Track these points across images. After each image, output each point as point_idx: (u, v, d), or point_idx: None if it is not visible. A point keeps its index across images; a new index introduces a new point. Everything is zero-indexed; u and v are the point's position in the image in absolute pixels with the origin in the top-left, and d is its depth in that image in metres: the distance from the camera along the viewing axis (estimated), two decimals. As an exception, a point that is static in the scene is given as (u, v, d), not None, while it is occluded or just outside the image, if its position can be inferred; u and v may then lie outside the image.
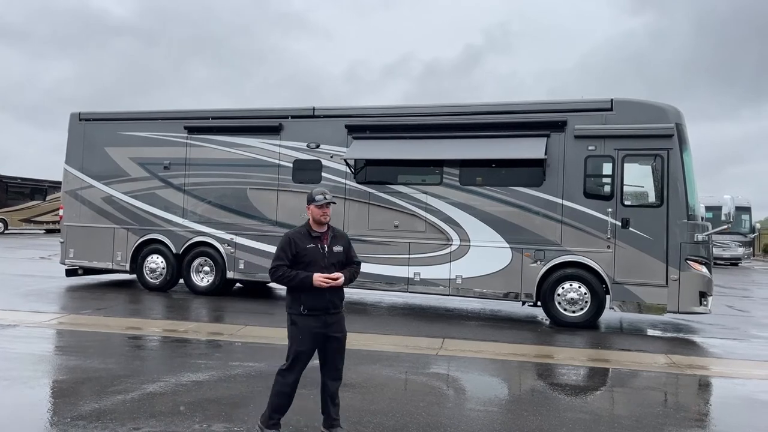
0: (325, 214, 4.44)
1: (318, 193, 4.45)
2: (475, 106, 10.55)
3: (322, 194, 4.44)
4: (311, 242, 4.40)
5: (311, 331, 4.29)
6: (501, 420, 5.15)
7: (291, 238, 4.41)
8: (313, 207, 4.43)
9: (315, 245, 4.40)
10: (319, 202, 4.41)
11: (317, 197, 4.42)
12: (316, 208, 4.42)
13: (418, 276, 10.34)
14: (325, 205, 4.42)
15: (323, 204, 4.41)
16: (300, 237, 4.41)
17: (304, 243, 4.38)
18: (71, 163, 12.78)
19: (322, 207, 4.42)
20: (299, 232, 4.46)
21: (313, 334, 4.30)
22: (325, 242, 4.45)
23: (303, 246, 4.36)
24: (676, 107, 9.47)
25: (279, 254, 4.37)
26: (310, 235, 4.43)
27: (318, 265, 4.32)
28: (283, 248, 4.37)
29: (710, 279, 9.23)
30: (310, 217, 4.49)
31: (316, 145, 11.11)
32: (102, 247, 12.28)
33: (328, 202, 4.44)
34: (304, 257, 4.34)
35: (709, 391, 6.58)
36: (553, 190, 9.73)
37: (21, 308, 9.58)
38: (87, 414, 4.82)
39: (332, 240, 4.51)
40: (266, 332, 8.48)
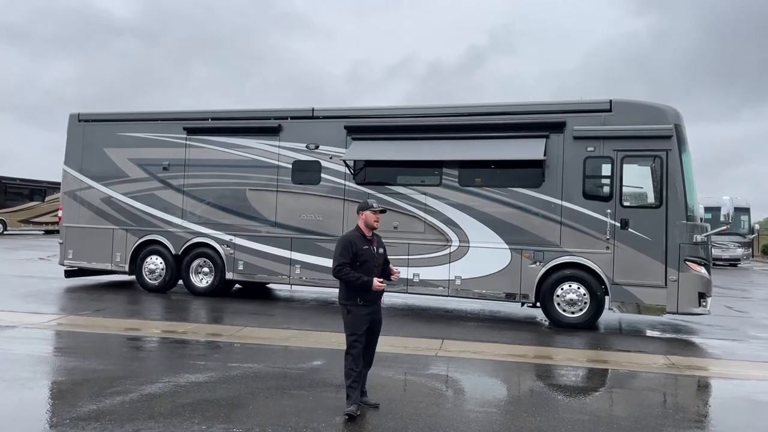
0: (378, 220, 5.26)
1: (373, 202, 5.31)
2: (474, 107, 10.55)
3: (376, 202, 5.34)
4: (366, 244, 5.17)
5: (365, 316, 5.11)
6: (500, 421, 5.15)
7: (350, 240, 5.13)
8: (369, 213, 5.22)
9: (369, 247, 5.18)
10: (376, 209, 5.24)
11: (374, 205, 5.26)
12: (372, 214, 5.22)
13: (417, 277, 10.34)
14: (379, 211, 5.25)
15: (378, 210, 5.23)
16: (357, 239, 5.15)
17: (361, 245, 5.13)
18: (70, 164, 12.78)
19: (377, 213, 5.23)
20: (355, 236, 5.19)
21: (366, 320, 5.12)
22: (374, 245, 5.25)
23: (360, 247, 5.11)
24: (675, 108, 9.48)
25: (342, 253, 5.05)
26: (365, 238, 5.20)
27: (370, 264, 5.13)
28: (346, 248, 5.06)
29: (709, 280, 9.24)
30: (363, 223, 5.23)
31: (316, 146, 11.11)
32: (101, 248, 12.27)
33: (383, 209, 5.32)
34: (361, 257, 5.08)
35: (708, 392, 6.59)
36: (552, 191, 9.74)
37: (20, 309, 9.57)
38: (86, 415, 4.82)
39: (378, 243, 5.33)
40: (265, 333, 8.48)
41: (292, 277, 11.10)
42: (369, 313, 5.15)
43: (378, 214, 5.24)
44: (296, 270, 11.04)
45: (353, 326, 5.10)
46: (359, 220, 5.28)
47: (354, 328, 5.10)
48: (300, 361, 6.94)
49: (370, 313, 5.16)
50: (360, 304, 5.09)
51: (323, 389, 5.80)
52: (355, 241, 5.11)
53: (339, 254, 5.06)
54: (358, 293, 5.07)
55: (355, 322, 5.10)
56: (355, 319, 5.09)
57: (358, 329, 5.10)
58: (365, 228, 5.23)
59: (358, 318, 5.09)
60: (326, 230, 10.89)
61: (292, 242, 11.08)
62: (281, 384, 5.94)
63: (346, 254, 5.04)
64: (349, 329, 5.13)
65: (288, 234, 11.13)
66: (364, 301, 5.10)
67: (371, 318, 5.19)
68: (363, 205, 5.30)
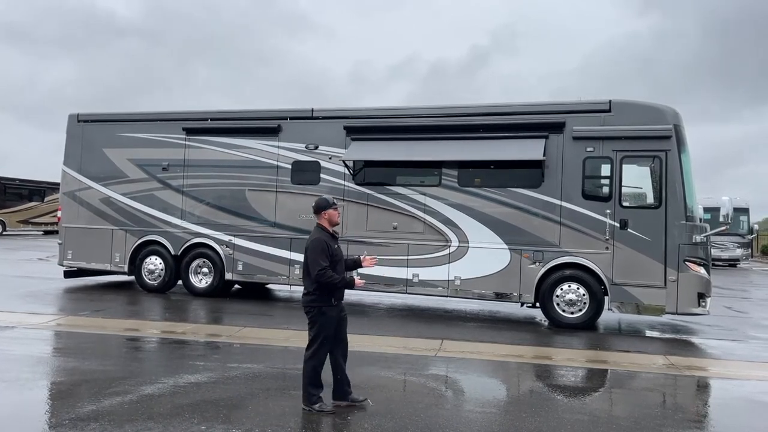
0: (339, 215, 5.27)
1: (331, 199, 5.29)
2: (473, 107, 10.55)
3: (332, 198, 5.32)
4: (335, 243, 5.19)
5: (335, 317, 5.11)
6: (500, 421, 5.15)
7: (325, 241, 5.08)
8: (332, 211, 5.21)
9: (338, 246, 5.21)
10: (336, 205, 5.24)
11: (334, 202, 5.26)
12: (334, 211, 5.22)
13: (416, 277, 10.33)
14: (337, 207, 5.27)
15: (337, 206, 5.26)
16: (329, 240, 5.12)
17: (333, 244, 5.14)
18: (69, 165, 12.77)
19: (337, 209, 5.25)
20: (326, 236, 5.14)
21: (335, 320, 5.12)
22: (338, 243, 5.26)
23: (334, 247, 5.13)
24: (675, 108, 9.49)
25: (322, 257, 5.00)
26: (334, 237, 5.22)
27: (341, 262, 5.17)
28: (324, 250, 5.02)
29: (709, 280, 9.24)
30: (328, 221, 5.20)
31: (315, 147, 11.11)
32: (100, 248, 12.26)
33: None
34: (335, 257, 5.10)
35: (707, 392, 6.59)
36: (551, 191, 9.73)
37: (19, 309, 9.56)
38: (85, 415, 4.81)
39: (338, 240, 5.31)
40: (265, 334, 8.47)
41: (292, 277, 11.09)
42: (339, 311, 5.17)
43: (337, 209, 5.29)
44: (296, 270, 11.03)
45: (326, 328, 5.06)
46: (321, 219, 5.22)
47: (326, 330, 5.07)
48: (299, 361, 6.89)
49: (340, 311, 5.18)
50: (334, 304, 5.10)
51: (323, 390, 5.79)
52: (329, 242, 5.09)
53: (318, 257, 4.99)
54: (331, 294, 5.06)
55: (327, 324, 5.06)
56: (328, 321, 5.06)
57: (330, 331, 5.08)
58: (331, 226, 5.22)
59: (330, 319, 5.07)
60: (326, 231, 10.86)
61: (292, 242, 11.07)
62: (281, 384, 5.94)
63: (325, 256, 5.00)
64: (321, 332, 5.07)
65: (287, 234, 11.13)
66: (337, 300, 5.13)
67: (340, 316, 5.20)
68: (324, 204, 5.24)
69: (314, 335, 5.10)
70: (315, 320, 5.08)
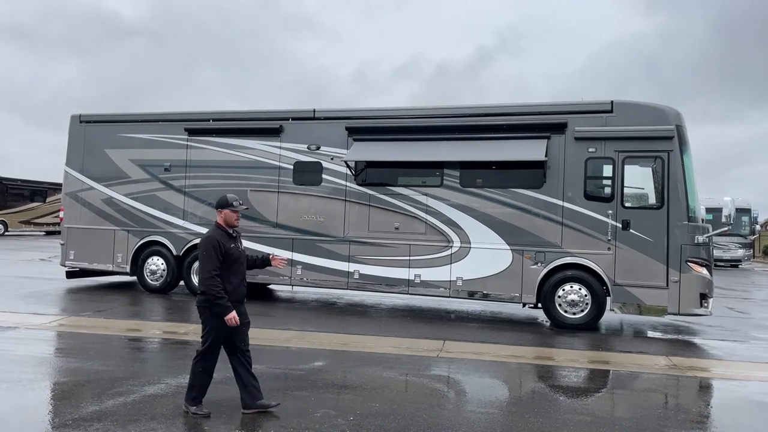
0: (238, 218, 5.10)
1: (234, 199, 5.07)
2: (475, 108, 10.55)
3: (237, 200, 5.09)
4: (232, 242, 5.01)
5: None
6: (502, 422, 5.15)
7: (217, 240, 4.90)
8: (229, 212, 5.02)
9: (235, 245, 5.03)
10: (236, 208, 5.04)
11: (234, 203, 5.05)
12: (232, 213, 5.03)
13: (418, 278, 10.33)
14: (239, 210, 5.06)
15: (239, 209, 5.05)
16: (223, 239, 4.95)
17: (228, 244, 4.95)
18: (72, 165, 12.79)
19: (237, 212, 5.05)
20: (220, 235, 4.96)
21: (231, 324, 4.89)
22: (239, 242, 5.14)
23: (228, 246, 4.93)
24: (676, 109, 9.48)
25: (211, 257, 4.82)
26: (230, 236, 5.03)
27: (238, 261, 5.02)
28: (215, 250, 4.84)
29: (711, 281, 9.23)
30: (223, 221, 5.04)
31: (317, 147, 11.12)
32: (102, 249, 12.28)
33: (244, 208, 5.15)
34: (231, 256, 4.92)
35: (709, 393, 6.58)
36: (553, 191, 9.73)
37: (21, 310, 9.58)
38: (87, 416, 4.82)
39: (240, 239, 5.20)
40: (266, 334, 8.47)
41: (294, 278, 11.10)
42: (239, 315, 4.91)
43: (238, 213, 5.07)
44: (297, 271, 11.04)
45: (217, 330, 4.87)
46: (219, 217, 5.05)
47: (217, 333, 4.88)
48: (301, 362, 6.95)
49: (239, 315, 4.92)
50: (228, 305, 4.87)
51: (325, 390, 5.80)
52: (222, 241, 4.90)
53: (209, 259, 4.81)
54: (227, 294, 4.84)
55: (219, 327, 4.86)
56: (221, 324, 4.84)
57: (221, 333, 4.90)
58: (227, 226, 5.04)
59: (223, 322, 4.84)
60: (327, 231, 10.89)
61: (294, 243, 11.08)
62: (283, 385, 5.94)
63: (215, 257, 4.81)
64: (210, 335, 4.89)
65: (289, 235, 11.14)
66: (233, 301, 4.90)
67: (242, 319, 4.97)
68: (223, 203, 5.05)
69: (204, 337, 4.93)
70: (206, 322, 4.90)
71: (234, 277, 4.97)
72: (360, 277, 10.65)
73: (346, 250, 10.76)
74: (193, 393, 4.93)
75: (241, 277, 5.05)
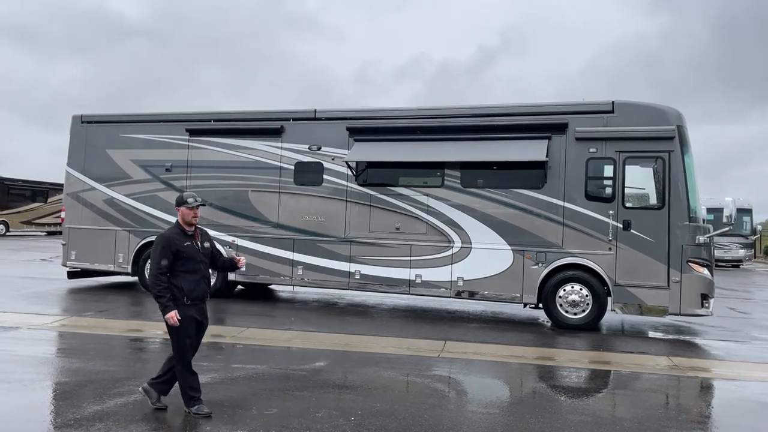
0: (195, 215, 5.04)
1: (189, 196, 5.04)
2: (476, 108, 10.55)
3: (192, 197, 5.05)
4: (187, 240, 4.96)
5: (191, 317, 4.90)
6: (503, 422, 5.15)
7: (169, 238, 4.89)
8: (185, 209, 5.01)
9: (191, 243, 4.97)
10: (191, 205, 5.00)
11: (189, 200, 5.01)
12: (188, 210, 5.00)
13: (419, 278, 10.34)
14: (195, 207, 5.02)
15: (194, 206, 5.01)
16: (176, 237, 4.92)
17: (181, 242, 4.91)
18: (73, 166, 12.81)
19: (193, 209, 5.01)
20: (174, 233, 4.96)
21: (193, 320, 4.93)
22: (197, 240, 5.06)
23: (181, 244, 4.89)
24: (677, 109, 9.48)
25: (162, 255, 4.80)
26: (186, 234, 4.99)
27: (195, 260, 4.94)
28: (165, 248, 4.82)
29: (712, 281, 9.23)
30: (181, 218, 5.03)
31: (318, 148, 11.12)
32: (104, 249, 12.29)
33: (199, 204, 5.07)
34: (184, 254, 4.87)
35: (710, 394, 6.58)
36: (554, 192, 9.74)
37: (23, 310, 9.59)
38: (89, 416, 4.83)
39: (202, 237, 5.13)
40: (267, 334, 8.49)
41: (295, 278, 11.11)
42: (197, 313, 4.93)
43: (195, 209, 5.02)
44: (298, 271, 11.05)
45: (185, 329, 4.86)
46: (178, 214, 5.06)
47: (187, 331, 4.89)
48: (302, 362, 6.95)
49: (198, 313, 4.94)
50: (187, 303, 4.88)
51: (326, 390, 5.81)
52: (174, 239, 4.88)
53: (159, 256, 4.80)
54: (182, 293, 4.83)
55: (186, 325, 4.86)
56: (186, 322, 4.85)
57: (191, 332, 4.91)
58: (184, 224, 5.03)
59: (187, 320, 4.86)
60: (328, 231, 10.90)
61: (295, 243, 11.09)
62: (284, 385, 5.95)
63: (166, 255, 4.79)
64: (173, 332, 4.87)
65: (290, 235, 11.15)
66: (191, 300, 4.88)
67: (200, 319, 4.98)
68: (179, 200, 5.06)
69: (171, 336, 4.92)
70: (166, 321, 4.86)
71: (190, 276, 4.90)
72: (361, 277, 10.66)
73: (347, 250, 10.76)
74: (188, 393, 4.92)
75: (199, 276, 4.96)
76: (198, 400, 4.91)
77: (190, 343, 4.96)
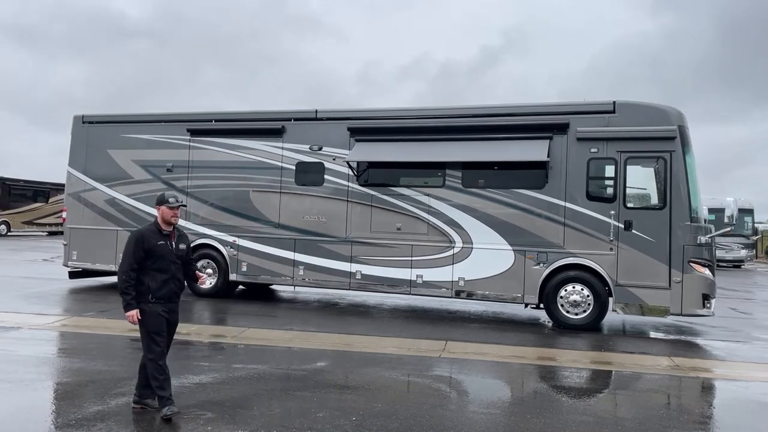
0: (175, 215, 5.05)
1: (170, 196, 5.06)
2: (477, 108, 10.55)
3: (174, 197, 5.07)
4: (161, 239, 4.96)
5: (160, 315, 4.89)
6: (504, 422, 5.15)
7: (143, 234, 4.92)
8: (165, 208, 5.01)
9: (165, 242, 4.97)
10: (172, 204, 5.01)
11: (170, 200, 5.02)
12: (168, 209, 5.00)
13: (420, 278, 10.34)
14: (176, 207, 5.03)
15: (175, 206, 5.02)
16: (150, 234, 4.94)
17: (154, 240, 4.92)
18: (74, 166, 12.82)
19: (173, 209, 5.02)
20: (150, 230, 4.99)
21: (162, 318, 4.92)
22: (172, 239, 5.06)
23: (155, 242, 4.91)
24: (679, 109, 9.47)
25: (133, 252, 4.82)
26: (161, 233, 5.00)
27: (167, 259, 4.94)
28: (137, 245, 4.84)
29: (713, 281, 9.22)
30: (160, 217, 5.03)
31: (319, 148, 11.13)
32: (105, 249, 12.30)
33: (179, 205, 5.07)
34: (155, 252, 4.88)
35: (712, 394, 6.58)
36: (555, 192, 9.73)
37: (24, 310, 9.60)
38: (90, 416, 4.84)
39: (178, 239, 5.13)
40: (269, 334, 8.49)
41: (296, 278, 11.12)
42: (165, 311, 4.92)
43: (175, 209, 5.02)
44: (299, 271, 11.06)
45: (151, 325, 4.87)
46: (157, 213, 5.07)
47: (153, 327, 4.88)
48: (303, 362, 6.96)
49: (166, 311, 4.93)
50: (152, 301, 4.87)
51: (327, 390, 5.81)
52: (148, 236, 4.90)
53: (130, 252, 4.82)
54: (149, 291, 4.84)
55: (152, 321, 4.87)
56: (152, 318, 4.86)
57: (158, 327, 4.89)
58: (162, 223, 5.03)
59: (153, 316, 4.86)
60: (329, 231, 10.90)
61: (296, 243, 11.10)
62: (285, 385, 5.95)
63: (137, 252, 4.81)
64: (142, 329, 4.90)
65: (291, 235, 11.15)
66: (156, 298, 4.87)
67: (168, 317, 4.97)
68: (159, 199, 5.08)
69: (141, 335, 4.95)
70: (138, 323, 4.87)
71: (159, 275, 4.90)
72: (362, 277, 10.66)
73: (348, 250, 10.76)
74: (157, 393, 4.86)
75: (168, 275, 4.94)
76: (168, 399, 4.82)
77: (160, 340, 4.92)
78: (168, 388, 4.88)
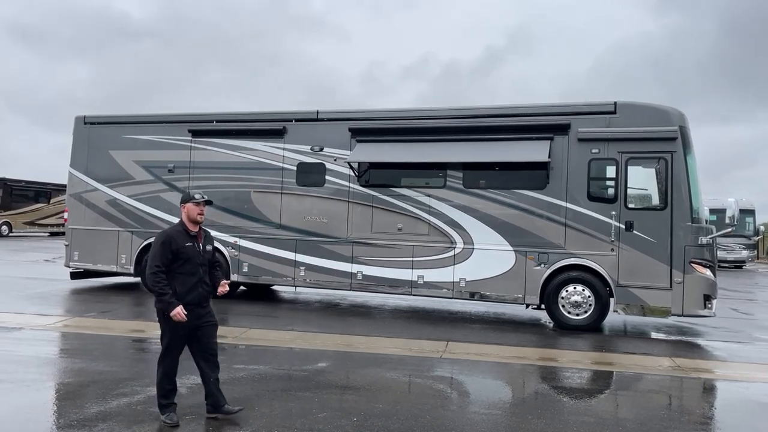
0: (202, 212, 4.86)
1: (196, 192, 4.90)
2: (478, 109, 10.55)
3: (199, 193, 4.91)
4: (189, 241, 4.76)
5: (185, 323, 4.66)
6: (505, 423, 5.15)
7: (170, 236, 4.70)
8: (191, 205, 4.82)
9: (192, 244, 4.77)
10: (198, 200, 4.82)
11: (196, 195, 4.85)
12: (194, 206, 4.82)
13: (421, 279, 10.34)
14: (202, 203, 4.83)
15: (201, 202, 4.82)
16: (178, 235, 4.73)
17: (182, 242, 4.71)
18: (76, 167, 12.84)
19: (199, 205, 4.82)
20: (177, 231, 4.78)
21: (185, 326, 4.69)
22: (200, 241, 4.86)
23: (182, 244, 4.70)
24: (680, 110, 9.47)
25: (161, 253, 4.61)
26: (188, 234, 4.80)
27: (193, 262, 4.73)
28: (165, 245, 4.63)
29: (714, 282, 9.21)
30: (186, 216, 4.84)
31: (320, 148, 11.13)
32: (106, 250, 12.32)
33: (206, 201, 4.88)
34: (183, 254, 4.68)
35: (713, 395, 6.58)
36: (556, 192, 9.73)
37: (26, 311, 9.62)
38: (92, 416, 4.84)
39: (205, 240, 4.93)
40: (270, 335, 8.50)
41: (297, 278, 11.12)
42: (193, 318, 4.70)
43: (201, 206, 4.84)
44: (301, 272, 11.06)
45: (171, 333, 4.70)
46: (182, 212, 4.88)
47: (172, 335, 4.71)
48: (305, 362, 6.96)
49: (194, 318, 4.71)
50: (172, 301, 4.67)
51: (328, 391, 5.81)
52: (175, 238, 4.69)
53: (157, 254, 4.60)
54: (177, 296, 4.65)
55: (173, 329, 4.69)
56: (174, 327, 4.67)
57: (176, 335, 4.71)
58: (189, 222, 4.83)
59: (176, 324, 4.65)
60: (331, 232, 10.91)
61: (297, 244, 11.10)
62: (286, 386, 5.95)
63: (165, 254, 4.61)
64: (164, 336, 4.76)
65: (292, 236, 11.16)
66: (185, 304, 4.64)
67: (197, 323, 4.76)
68: (185, 197, 4.90)
69: (162, 339, 4.80)
70: (160, 324, 4.76)
71: (188, 278, 4.71)
72: (363, 278, 10.66)
73: (349, 251, 10.77)
74: (159, 401, 4.78)
75: (197, 278, 4.76)
76: (167, 407, 4.75)
77: (176, 353, 4.78)
78: (172, 397, 4.81)
